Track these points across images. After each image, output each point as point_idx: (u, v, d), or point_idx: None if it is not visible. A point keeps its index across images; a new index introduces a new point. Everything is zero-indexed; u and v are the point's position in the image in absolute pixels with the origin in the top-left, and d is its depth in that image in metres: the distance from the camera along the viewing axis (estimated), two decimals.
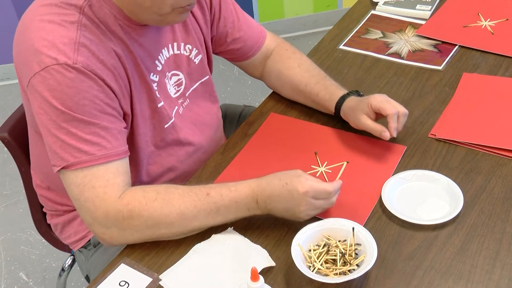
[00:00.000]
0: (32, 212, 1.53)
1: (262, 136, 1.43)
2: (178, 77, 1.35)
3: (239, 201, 1.15)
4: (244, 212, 1.16)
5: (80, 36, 1.11)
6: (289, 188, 1.13)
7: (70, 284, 2.15)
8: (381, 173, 1.29)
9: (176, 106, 1.35)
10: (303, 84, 1.46)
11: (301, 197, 1.12)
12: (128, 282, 1.11)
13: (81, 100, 1.10)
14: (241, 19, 1.48)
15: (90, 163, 1.12)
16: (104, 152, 1.13)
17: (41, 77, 1.09)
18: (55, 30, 1.10)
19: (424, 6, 1.85)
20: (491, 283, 1.07)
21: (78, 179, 1.13)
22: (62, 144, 1.11)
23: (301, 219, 1.15)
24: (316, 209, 1.15)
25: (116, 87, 1.16)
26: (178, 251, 1.17)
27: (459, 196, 1.21)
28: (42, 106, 1.11)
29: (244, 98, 3.01)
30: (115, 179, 1.14)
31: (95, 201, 1.13)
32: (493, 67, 1.59)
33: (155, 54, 1.28)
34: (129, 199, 1.14)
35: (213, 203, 1.14)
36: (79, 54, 1.10)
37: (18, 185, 2.57)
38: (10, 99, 3.13)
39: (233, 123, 1.69)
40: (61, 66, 1.08)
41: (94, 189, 1.12)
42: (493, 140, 1.34)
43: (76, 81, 1.09)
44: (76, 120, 1.10)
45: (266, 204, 1.15)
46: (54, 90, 1.09)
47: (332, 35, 1.80)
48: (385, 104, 1.29)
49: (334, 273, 1.07)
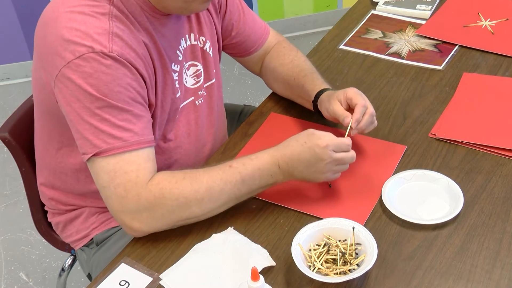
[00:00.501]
0: (32, 212, 1.53)
1: (262, 136, 1.43)
2: (197, 68, 1.37)
3: (261, 168, 1.18)
4: (268, 179, 1.18)
5: (113, 27, 1.13)
6: (309, 145, 1.17)
7: (70, 284, 2.15)
8: (381, 173, 1.29)
9: (193, 97, 1.36)
10: (292, 78, 1.46)
11: (323, 151, 1.16)
12: (129, 282, 1.11)
13: (116, 87, 1.11)
14: (246, 13, 1.49)
15: (123, 149, 1.13)
16: (137, 138, 1.14)
17: (76, 65, 1.10)
18: (88, 21, 1.11)
19: (424, 6, 1.85)
20: (491, 283, 1.07)
21: (110, 166, 1.13)
22: (96, 130, 1.12)
23: (325, 178, 1.19)
24: (339, 163, 1.18)
25: (146, 76, 1.18)
26: (178, 251, 1.17)
27: (459, 196, 1.21)
28: (75, 94, 1.11)
29: (244, 98, 3.01)
30: (146, 163, 1.15)
31: (127, 185, 1.13)
32: (493, 67, 1.59)
33: (176, 44, 1.29)
34: (159, 179, 1.15)
35: (238, 173, 1.17)
36: (113, 44, 1.11)
37: (18, 185, 2.57)
38: (10, 99, 3.12)
39: (233, 123, 1.69)
40: (97, 54, 1.09)
41: (127, 174, 1.13)
42: (493, 140, 1.34)
43: (112, 68, 1.11)
44: (110, 106, 1.12)
45: (288, 166, 1.17)
46: (90, 77, 1.10)
47: (332, 35, 1.80)
48: (357, 96, 1.30)
49: (334, 273, 1.07)
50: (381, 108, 1.48)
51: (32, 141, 1.42)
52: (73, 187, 1.35)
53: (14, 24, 3.09)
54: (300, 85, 1.44)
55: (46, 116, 1.28)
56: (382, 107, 1.48)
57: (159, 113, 1.27)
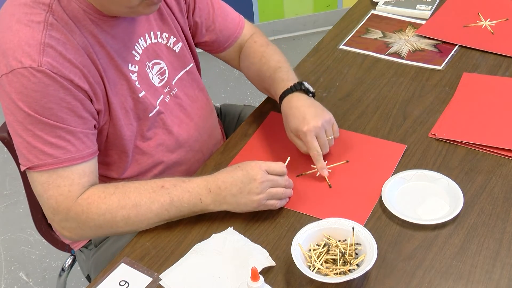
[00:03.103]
0: (32, 212, 1.53)
1: (262, 135, 1.43)
2: (160, 66, 1.35)
3: (191, 191, 1.17)
4: (196, 202, 1.17)
5: (46, 37, 1.11)
6: (242, 167, 1.17)
7: (70, 284, 2.15)
8: (381, 173, 1.29)
9: (162, 95, 1.35)
10: (263, 78, 1.44)
11: (255, 170, 1.15)
12: (128, 282, 1.11)
13: (47, 103, 1.11)
14: (216, 9, 1.46)
15: (54, 165, 1.14)
16: (69, 155, 1.15)
17: (8, 79, 1.10)
18: (21, 31, 1.10)
19: (424, 6, 1.85)
20: (491, 283, 1.07)
21: (43, 178, 1.15)
22: (28, 145, 1.13)
23: (258, 202, 1.16)
24: (273, 185, 1.17)
25: (85, 86, 1.16)
26: (178, 251, 1.17)
27: (459, 196, 1.21)
28: (9, 107, 1.12)
29: (244, 98, 3.01)
30: (80, 179, 1.17)
31: (58, 199, 1.15)
32: (493, 67, 1.59)
33: (131, 44, 1.27)
34: (89, 194, 1.17)
35: (167, 194, 1.17)
36: (44, 55, 1.10)
37: (18, 185, 2.57)
38: None
39: (232, 123, 1.69)
40: (26, 69, 1.08)
41: (59, 187, 1.15)
42: (493, 140, 1.34)
43: (41, 85, 1.10)
44: (41, 123, 1.12)
45: (221, 190, 1.17)
46: (21, 93, 1.10)
47: (332, 35, 1.80)
48: (310, 144, 1.26)
49: (334, 273, 1.07)
50: (381, 108, 1.48)
51: None
52: None
53: None
54: (267, 87, 1.43)
55: None
56: (382, 107, 1.48)
57: (123, 114, 1.25)
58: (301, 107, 1.29)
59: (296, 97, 1.31)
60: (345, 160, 1.33)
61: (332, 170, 1.31)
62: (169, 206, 1.17)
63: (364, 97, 1.52)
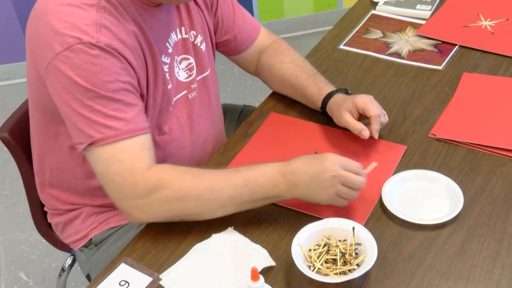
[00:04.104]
0: (32, 212, 1.53)
1: (262, 135, 1.43)
2: (189, 61, 1.37)
3: (266, 175, 1.16)
4: (271, 188, 1.16)
5: (101, 18, 1.13)
6: (319, 157, 1.16)
7: (70, 284, 2.15)
8: (381, 173, 1.29)
9: (185, 90, 1.36)
10: (293, 78, 1.47)
11: (330, 162, 1.14)
12: (128, 282, 1.11)
13: (105, 77, 1.11)
14: (237, 11, 1.49)
15: (116, 138, 1.13)
16: (130, 126, 1.14)
17: (64, 56, 1.10)
18: (76, 13, 1.11)
19: (424, 6, 1.85)
20: (491, 283, 1.07)
21: (105, 154, 1.14)
22: (88, 121, 1.13)
23: (328, 196, 1.15)
24: (345, 182, 1.14)
25: (136, 66, 1.18)
26: (178, 251, 1.17)
27: (459, 196, 1.21)
28: (65, 85, 1.12)
29: (244, 98, 3.01)
30: (141, 152, 1.16)
31: (123, 173, 1.14)
32: (493, 67, 1.59)
33: (166, 36, 1.29)
34: (159, 169, 1.16)
35: (242, 176, 1.16)
36: (101, 34, 1.11)
37: (18, 185, 2.57)
38: (10, 99, 3.12)
39: (232, 123, 1.69)
40: (84, 44, 1.09)
41: (121, 162, 1.14)
42: (493, 140, 1.34)
43: (100, 58, 1.11)
44: (100, 97, 1.12)
45: (294, 176, 1.15)
46: (79, 68, 1.10)
47: (332, 35, 1.80)
48: (370, 105, 1.31)
49: (334, 273, 1.07)
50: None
51: None
52: (71, 184, 1.35)
53: (14, 24, 3.09)
54: (304, 86, 1.45)
55: (41, 111, 1.28)
56: (382, 107, 1.48)
57: (151, 104, 1.27)
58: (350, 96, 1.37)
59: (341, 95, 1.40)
60: None
61: None
62: (242, 188, 1.15)
63: None
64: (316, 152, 1.35)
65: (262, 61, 1.54)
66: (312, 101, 1.44)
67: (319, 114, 1.46)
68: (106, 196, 1.35)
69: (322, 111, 1.42)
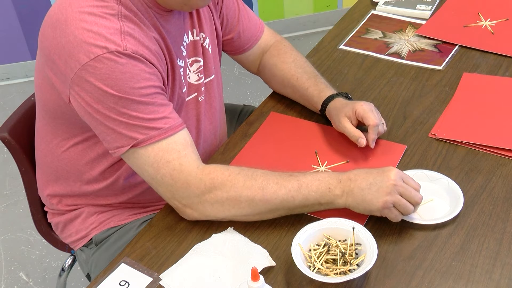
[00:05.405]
0: (32, 212, 1.53)
1: (263, 135, 1.43)
2: (200, 64, 1.37)
3: (321, 179, 1.16)
4: (325, 192, 1.15)
5: (124, 26, 1.13)
6: (380, 168, 1.16)
7: (70, 284, 2.15)
8: None
9: (196, 93, 1.37)
10: (294, 78, 1.47)
11: (392, 172, 1.13)
12: (129, 282, 1.11)
13: (136, 83, 1.12)
14: (242, 9, 1.49)
15: (159, 137, 1.14)
16: (170, 124, 1.16)
17: (92, 67, 1.09)
18: (98, 22, 1.11)
19: (424, 6, 1.85)
20: (491, 283, 1.07)
21: (151, 158, 1.15)
22: (127, 125, 1.13)
23: (384, 204, 1.11)
24: (403, 193, 1.12)
25: (162, 71, 1.19)
26: (178, 251, 1.17)
27: (459, 196, 1.21)
28: (95, 96, 1.11)
29: (244, 98, 3.01)
30: (186, 150, 1.16)
31: (173, 174, 1.15)
32: (493, 67, 1.59)
33: (180, 39, 1.30)
34: (211, 169, 1.16)
35: (296, 180, 1.16)
36: (127, 42, 1.11)
37: (18, 185, 2.57)
38: (10, 99, 3.12)
39: (232, 123, 1.69)
40: (112, 53, 1.09)
41: (169, 163, 1.15)
42: (493, 140, 1.34)
43: (129, 66, 1.11)
44: (134, 103, 1.12)
45: (351, 181, 1.14)
46: (108, 78, 1.10)
47: (332, 35, 1.80)
48: (369, 113, 1.31)
49: (334, 273, 1.07)
50: (381, 108, 1.48)
51: (32, 141, 1.42)
52: (75, 185, 1.35)
53: (14, 24, 3.09)
54: (304, 87, 1.45)
55: (51, 115, 1.28)
56: (382, 107, 1.48)
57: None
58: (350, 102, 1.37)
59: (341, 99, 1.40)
60: (345, 161, 1.33)
61: (332, 170, 1.31)
62: (296, 193, 1.15)
63: (364, 97, 1.52)
64: (316, 152, 1.35)
65: (265, 60, 1.54)
66: (311, 103, 1.44)
67: (319, 114, 1.46)
68: (108, 196, 1.36)
69: (321, 114, 1.42)
